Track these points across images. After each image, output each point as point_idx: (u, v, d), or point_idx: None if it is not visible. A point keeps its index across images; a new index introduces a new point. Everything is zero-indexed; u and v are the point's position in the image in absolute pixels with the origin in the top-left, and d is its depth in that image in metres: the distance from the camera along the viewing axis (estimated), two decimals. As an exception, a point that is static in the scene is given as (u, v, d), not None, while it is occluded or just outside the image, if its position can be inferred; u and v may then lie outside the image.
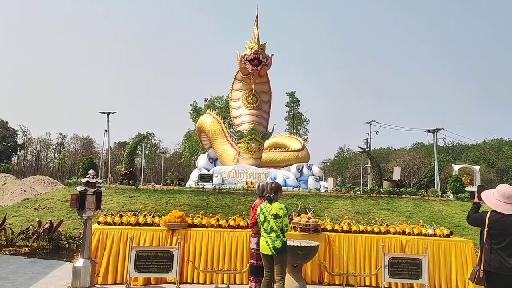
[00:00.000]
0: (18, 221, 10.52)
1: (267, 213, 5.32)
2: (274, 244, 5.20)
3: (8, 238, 9.14)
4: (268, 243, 5.23)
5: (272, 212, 5.29)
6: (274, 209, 5.31)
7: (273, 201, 5.41)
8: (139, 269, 6.50)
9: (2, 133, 66.45)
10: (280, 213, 5.28)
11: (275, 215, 5.27)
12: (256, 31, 16.47)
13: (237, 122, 17.01)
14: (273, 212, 5.29)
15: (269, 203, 5.40)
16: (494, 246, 4.21)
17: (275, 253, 5.20)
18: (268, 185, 5.70)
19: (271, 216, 5.27)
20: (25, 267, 7.73)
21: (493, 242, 4.22)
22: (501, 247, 4.17)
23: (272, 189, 5.53)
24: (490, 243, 4.25)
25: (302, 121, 59.54)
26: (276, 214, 5.27)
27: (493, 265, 4.19)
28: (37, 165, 71.72)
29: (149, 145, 66.40)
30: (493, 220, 4.24)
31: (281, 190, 5.68)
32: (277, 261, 5.25)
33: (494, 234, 4.22)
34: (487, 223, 4.27)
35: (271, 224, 5.26)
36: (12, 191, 24.69)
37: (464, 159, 52.17)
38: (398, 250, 7.38)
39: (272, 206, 5.35)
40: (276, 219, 5.25)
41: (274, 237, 5.23)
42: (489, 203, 4.37)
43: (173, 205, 11.06)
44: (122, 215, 7.68)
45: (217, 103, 50.86)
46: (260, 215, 5.41)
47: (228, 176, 15.88)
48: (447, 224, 10.41)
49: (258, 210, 5.48)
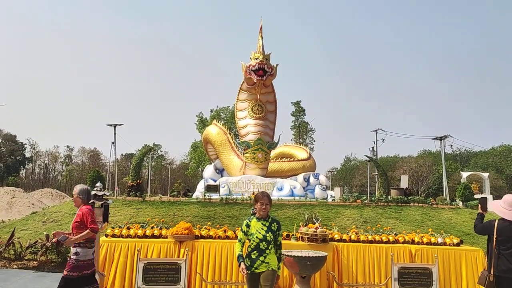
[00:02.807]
0: (27, 234, 10.56)
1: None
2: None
3: (17, 252, 9.17)
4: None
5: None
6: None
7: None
8: (147, 282, 6.48)
9: (11, 146, 67.12)
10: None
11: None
12: (261, 41, 16.57)
13: (243, 132, 17.03)
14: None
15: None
16: (502, 251, 4.54)
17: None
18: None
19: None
20: (34, 281, 7.74)
21: (501, 248, 4.56)
22: (508, 253, 4.50)
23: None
24: (498, 249, 4.57)
25: (308, 131, 59.54)
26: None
27: (501, 269, 4.52)
28: (45, 178, 72.28)
29: (155, 156, 66.71)
30: (502, 228, 4.60)
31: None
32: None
33: (502, 240, 4.56)
34: (496, 230, 4.61)
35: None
36: (21, 205, 24.86)
37: (472, 166, 51.69)
38: (407, 259, 7.29)
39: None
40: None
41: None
42: (497, 211, 4.73)
43: (180, 216, 11.05)
44: (129, 227, 7.69)
45: (223, 113, 51.09)
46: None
47: (235, 187, 15.86)
48: (457, 233, 10.29)
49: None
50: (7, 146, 67.04)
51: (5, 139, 67.76)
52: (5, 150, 66.56)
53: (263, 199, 4.76)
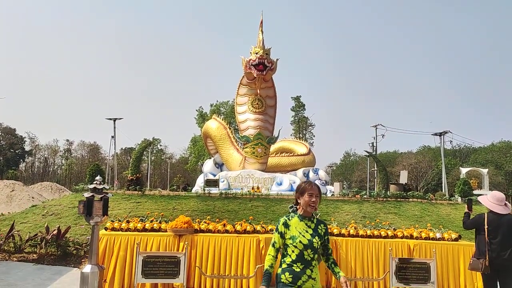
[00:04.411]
0: (26, 227, 10.59)
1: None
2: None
3: (17, 245, 9.19)
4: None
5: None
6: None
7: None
8: (146, 275, 6.50)
9: (10, 140, 67.07)
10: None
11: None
12: (261, 36, 16.54)
13: (242, 127, 17.03)
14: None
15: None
16: (491, 240, 5.27)
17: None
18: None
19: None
20: (33, 273, 7.77)
21: (491, 237, 5.28)
22: (496, 241, 5.24)
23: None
24: (488, 238, 5.28)
25: (308, 126, 59.49)
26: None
27: (490, 256, 5.23)
28: (44, 172, 72.29)
29: (155, 150, 66.68)
30: (491, 219, 5.34)
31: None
32: None
33: (491, 230, 5.29)
34: (487, 222, 5.33)
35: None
36: (20, 198, 24.88)
37: (471, 162, 51.69)
38: (406, 254, 7.33)
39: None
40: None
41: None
42: (487, 205, 5.46)
43: (179, 210, 11.08)
44: (129, 221, 7.71)
45: (223, 108, 50.97)
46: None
47: (235, 181, 15.88)
48: (455, 228, 10.31)
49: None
50: (7, 140, 67.02)
51: (4, 133, 67.71)
52: (4, 144, 66.57)
53: (312, 189, 3.44)
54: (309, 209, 3.41)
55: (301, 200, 3.44)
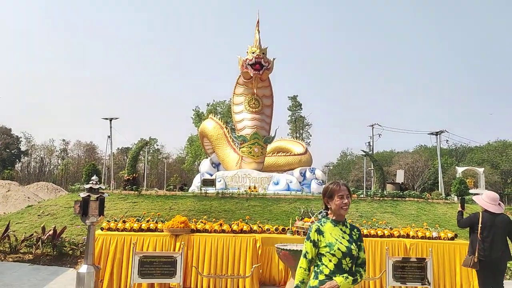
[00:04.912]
0: (22, 228, 10.54)
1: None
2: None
3: (12, 245, 9.16)
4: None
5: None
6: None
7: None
8: (143, 275, 6.48)
9: (6, 140, 66.77)
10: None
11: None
12: (258, 35, 16.53)
13: (239, 126, 17.02)
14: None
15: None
16: (485, 239, 5.36)
17: None
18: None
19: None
20: (29, 274, 7.74)
21: (484, 235, 5.38)
22: (489, 240, 5.34)
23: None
24: (482, 236, 5.38)
25: (305, 125, 59.56)
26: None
27: (483, 254, 5.34)
28: (40, 172, 71.97)
29: (151, 150, 66.52)
30: (486, 218, 5.44)
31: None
32: None
33: (485, 229, 5.39)
34: (481, 221, 5.44)
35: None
36: (16, 198, 24.76)
37: (468, 161, 51.93)
38: (402, 253, 7.35)
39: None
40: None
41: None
42: (482, 205, 5.58)
43: (176, 210, 11.06)
44: (125, 221, 7.69)
45: (219, 107, 50.96)
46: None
47: (231, 181, 15.88)
48: (452, 227, 10.35)
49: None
50: (2, 140, 66.69)
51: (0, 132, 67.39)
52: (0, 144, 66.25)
53: (341, 190, 3.03)
54: (343, 212, 3.03)
55: (331, 205, 3.04)
